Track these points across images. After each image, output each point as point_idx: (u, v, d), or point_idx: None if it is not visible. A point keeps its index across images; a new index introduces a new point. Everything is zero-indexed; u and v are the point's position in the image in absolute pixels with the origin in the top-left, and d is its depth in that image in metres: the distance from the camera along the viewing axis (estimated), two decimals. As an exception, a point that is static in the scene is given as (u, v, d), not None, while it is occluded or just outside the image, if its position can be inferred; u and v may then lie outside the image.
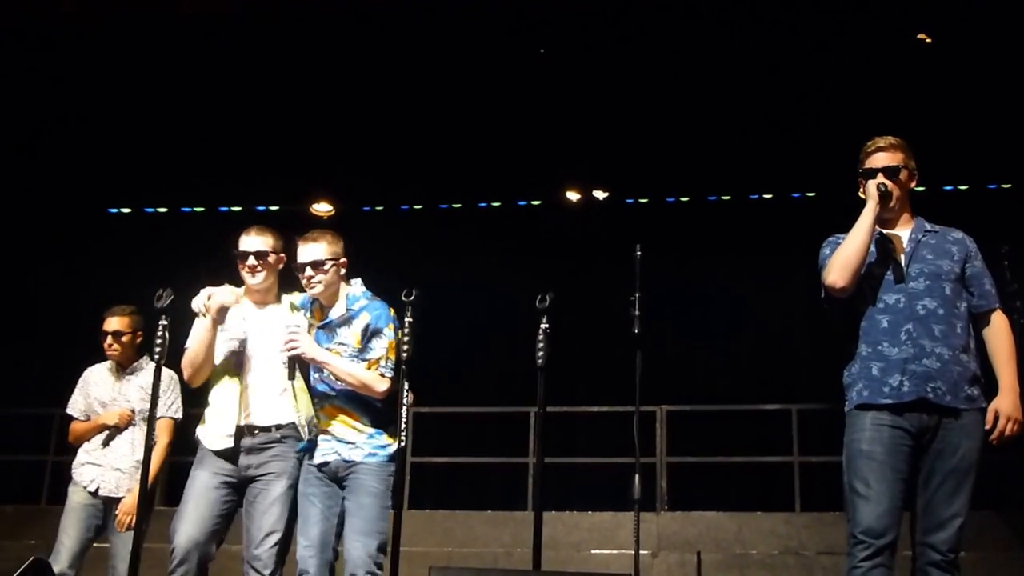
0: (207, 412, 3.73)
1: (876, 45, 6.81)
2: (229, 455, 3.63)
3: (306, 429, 3.64)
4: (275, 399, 3.67)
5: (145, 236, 9.06)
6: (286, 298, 3.81)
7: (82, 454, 4.54)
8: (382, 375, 3.50)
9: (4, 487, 7.68)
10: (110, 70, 7.32)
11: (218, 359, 3.68)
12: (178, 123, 7.85)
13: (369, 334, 3.53)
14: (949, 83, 6.95)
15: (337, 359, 3.52)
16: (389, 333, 3.53)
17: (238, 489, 3.64)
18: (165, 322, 3.43)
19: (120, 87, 7.49)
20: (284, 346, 3.49)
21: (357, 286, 3.66)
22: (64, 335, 9.07)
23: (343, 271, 3.64)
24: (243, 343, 3.70)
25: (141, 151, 8.16)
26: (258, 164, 8.20)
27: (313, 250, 3.58)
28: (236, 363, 3.71)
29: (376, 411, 3.53)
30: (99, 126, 7.92)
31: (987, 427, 3.09)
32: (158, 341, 3.42)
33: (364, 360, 3.53)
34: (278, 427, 3.65)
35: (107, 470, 4.45)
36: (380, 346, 3.52)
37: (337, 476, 3.52)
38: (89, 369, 4.74)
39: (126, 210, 9.61)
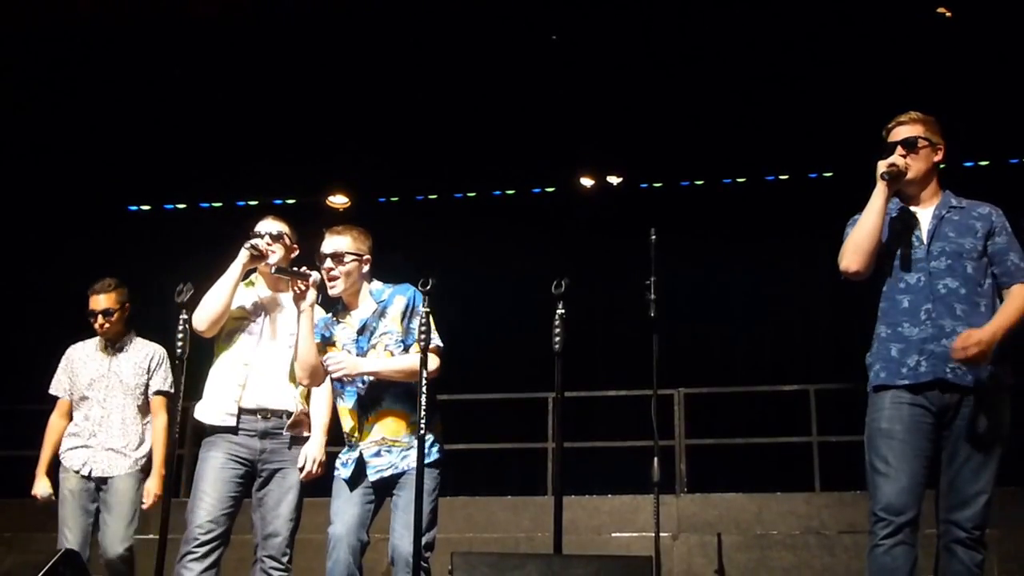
0: (208, 389, 3.67)
1: (893, 20, 6.72)
2: (235, 433, 3.58)
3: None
4: (283, 384, 3.64)
5: (165, 232, 9.13)
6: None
7: (69, 438, 4.38)
8: (434, 348, 3.36)
9: (32, 481, 7.75)
10: (127, 70, 7.35)
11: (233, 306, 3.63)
12: (195, 121, 7.88)
13: (409, 315, 3.45)
14: (967, 57, 6.84)
15: (382, 361, 3.39)
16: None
17: (250, 473, 3.61)
18: (186, 316, 3.43)
19: (138, 87, 7.53)
20: (330, 370, 3.37)
21: (376, 283, 3.56)
22: (86, 332, 9.17)
23: (365, 269, 3.52)
24: (254, 318, 3.67)
25: (159, 149, 8.22)
26: (274, 158, 8.22)
27: (336, 242, 3.47)
28: (242, 340, 3.66)
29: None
30: (118, 125, 7.96)
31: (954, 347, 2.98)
32: (180, 337, 3.41)
33: (409, 344, 3.43)
34: (288, 414, 3.64)
35: (98, 451, 4.30)
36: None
37: (388, 484, 3.41)
38: (72, 347, 4.52)
39: (146, 207, 9.70)
